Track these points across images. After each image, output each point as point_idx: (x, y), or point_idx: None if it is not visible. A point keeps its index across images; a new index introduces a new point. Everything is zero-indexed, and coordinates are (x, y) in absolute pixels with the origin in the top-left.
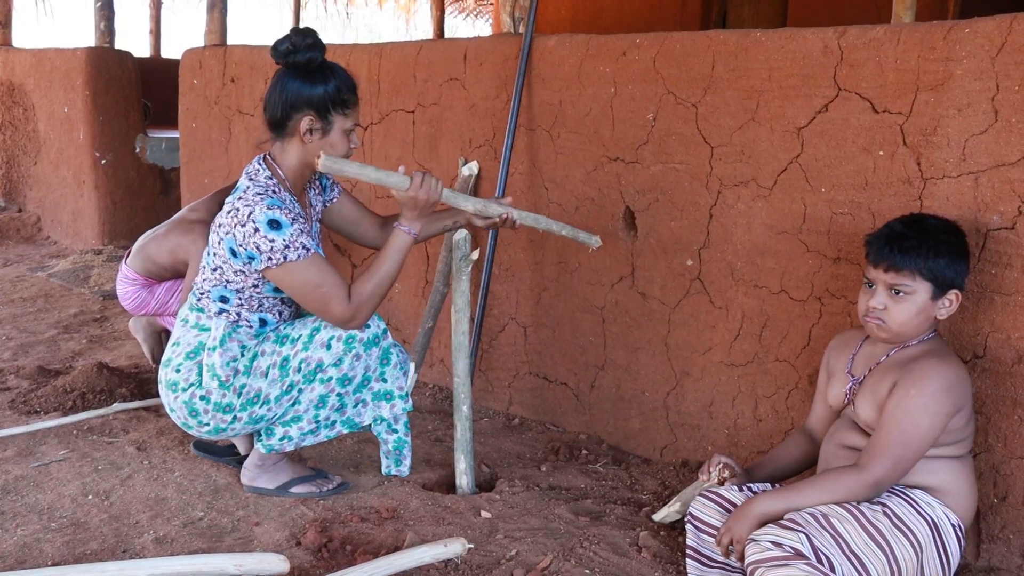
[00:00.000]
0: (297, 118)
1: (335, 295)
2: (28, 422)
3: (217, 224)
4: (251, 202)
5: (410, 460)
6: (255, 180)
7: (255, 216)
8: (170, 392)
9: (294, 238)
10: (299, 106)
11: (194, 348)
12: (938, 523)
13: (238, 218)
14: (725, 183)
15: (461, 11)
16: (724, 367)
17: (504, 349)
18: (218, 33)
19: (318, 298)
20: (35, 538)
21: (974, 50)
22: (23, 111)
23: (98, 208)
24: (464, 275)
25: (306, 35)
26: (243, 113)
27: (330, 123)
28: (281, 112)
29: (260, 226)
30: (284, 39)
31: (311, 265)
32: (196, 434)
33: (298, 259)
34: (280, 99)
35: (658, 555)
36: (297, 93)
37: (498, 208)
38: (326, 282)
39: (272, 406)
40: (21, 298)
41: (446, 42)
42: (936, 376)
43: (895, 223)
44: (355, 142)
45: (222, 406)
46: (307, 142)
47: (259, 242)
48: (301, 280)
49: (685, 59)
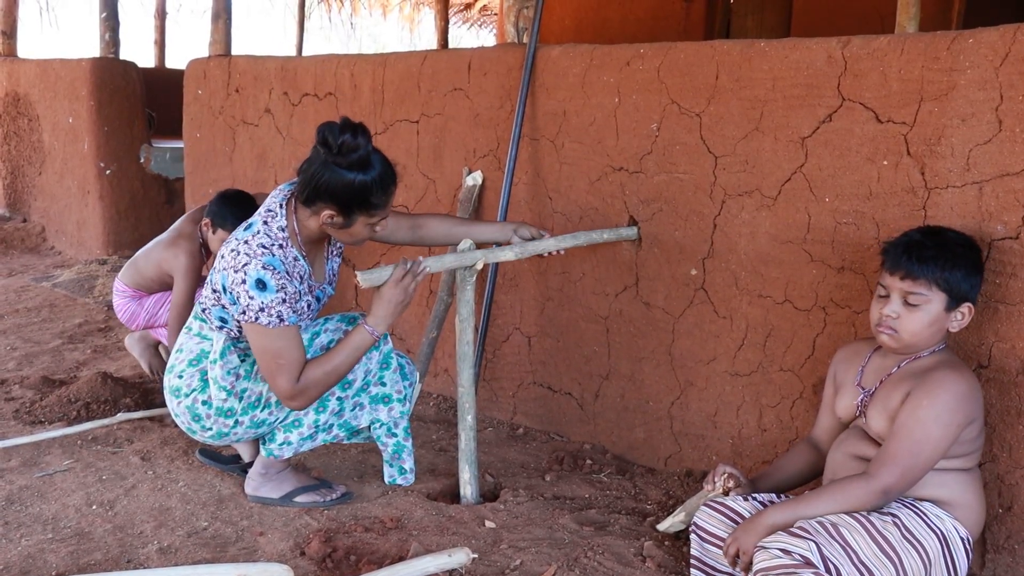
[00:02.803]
0: (321, 205)
1: (287, 371)
2: (32, 432)
3: (220, 255)
4: (251, 254)
5: (412, 465)
6: (268, 227)
7: (248, 269)
8: (173, 398)
9: (272, 305)
10: (324, 197)
11: (196, 356)
12: (947, 536)
13: (234, 263)
14: (729, 193)
15: (465, 21)
16: (728, 377)
17: (508, 359)
18: (222, 43)
19: (270, 366)
20: (39, 548)
21: (978, 60)
22: (28, 121)
23: (102, 218)
24: (468, 285)
25: (362, 132)
26: (247, 123)
27: (352, 220)
28: (308, 192)
29: (248, 280)
30: (333, 130)
31: (278, 337)
32: (200, 439)
33: (268, 325)
34: (311, 180)
35: (662, 565)
36: (327, 184)
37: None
38: (283, 356)
39: (274, 410)
40: (26, 308)
41: (450, 52)
42: (950, 387)
43: (913, 232)
44: (379, 230)
45: (223, 410)
46: (326, 226)
47: (240, 294)
48: (262, 344)
49: (689, 69)
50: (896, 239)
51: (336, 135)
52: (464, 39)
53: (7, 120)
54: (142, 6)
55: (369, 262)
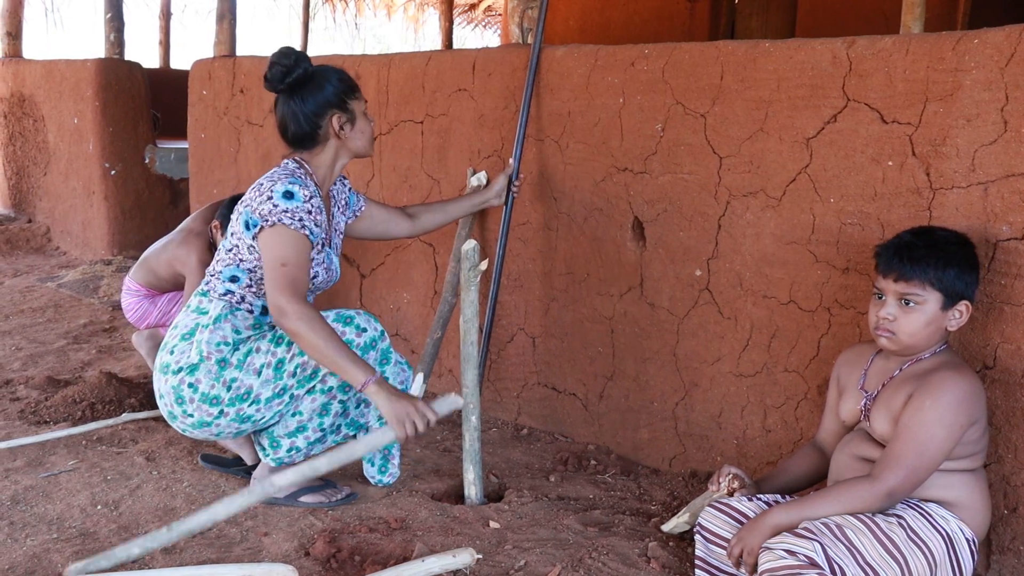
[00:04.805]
0: (326, 122)
1: (290, 284)
2: (37, 432)
3: (241, 203)
4: (276, 178)
5: (399, 462)
6: (283, 169)
7: (275, 188)
8: (161, 375)
9: (297, 211)
10: (322, 111)
11: (190, 329)
12: (953, 537)
13: (260, 192)
14: (734, 193)
15: (470, 22)
16: (733, 377)
17: (513, 359)
18: (227, 44)
19: (275, 275)
20: (44, 548)
21: (983, 60)
22: (33, 122)
23: (107, 219)
24: (472, 286)
25: (288, 54)
26: (252, 124)
27: (352, 112)
28: (308, 124)
29: (275, 195)
30: (273, 67)
31: (292, 243)
32: (179, 426)
33: (289, 226)
34: (302, 113)
35: (667, 566)
36: (313, 100)
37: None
38: (290, 264)
39: (261, 407)
40: (31, 308)
41: (455, 53)
42: (952, 387)
43: (905, 234)
44: (370, 118)
45: (209, 397)
46: (343, 138)
47: (267, 208)
48: (275, 252)
49: (694, 69)
50: (888, 241)
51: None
52: (468, 40)
53: (12, 121)
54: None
55: (374, 262)
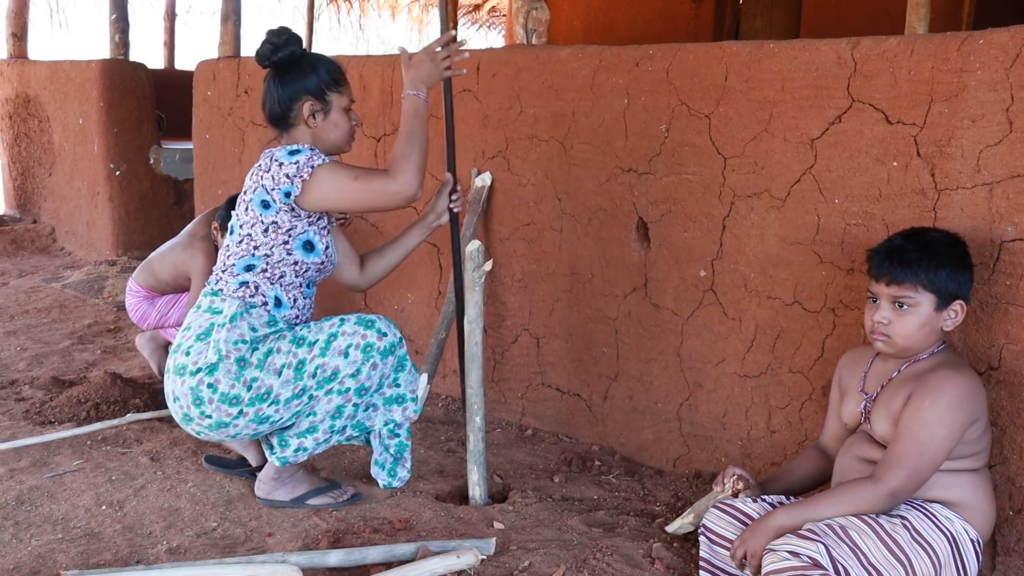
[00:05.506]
0: (298, 107)
1: (373, 176)
2: (42, 432)
3: (243, 192)
4: (270, 154)
5: (410, 466)
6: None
7: (276, 156)
8: (177, 377)
9: (314, 152)
10: (297, 95)
11: (205, 329)
12: (957, 538)
13: (262, 167)
14: (738, 194)
15: (474, 23)
16: (737, 378)
17: (517, 360)
18: (232, 45)
19: (358, 187)
20: (49, 548)
21: (988, 61)
22: (38, 123)
23: (112, 219)
24: (477, 287)
25: (280, 33)
26: (257, 124)
27: (328, 103)
28: (281, 106)
29: (282, 159)
30: (263, 43)
31: (336, 166)
32: (194, 429)
33: (323, 162)
34: (278, 94)
35: (671, 567)
36: (292, 84)
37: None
38: (357, 173)
39: (280, 407)
40: (36, 309)
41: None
42: (951, 387)
43: (895, 237)
44: (355, 119)
45: (229, 397)
46: (312, 126)
47: (287, 171)
48: (335, 181)
49: (698, 70)
50: (879, 245)
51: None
52: (473, 40)
53: (18, 121)
54: (152, 8)
55: None
